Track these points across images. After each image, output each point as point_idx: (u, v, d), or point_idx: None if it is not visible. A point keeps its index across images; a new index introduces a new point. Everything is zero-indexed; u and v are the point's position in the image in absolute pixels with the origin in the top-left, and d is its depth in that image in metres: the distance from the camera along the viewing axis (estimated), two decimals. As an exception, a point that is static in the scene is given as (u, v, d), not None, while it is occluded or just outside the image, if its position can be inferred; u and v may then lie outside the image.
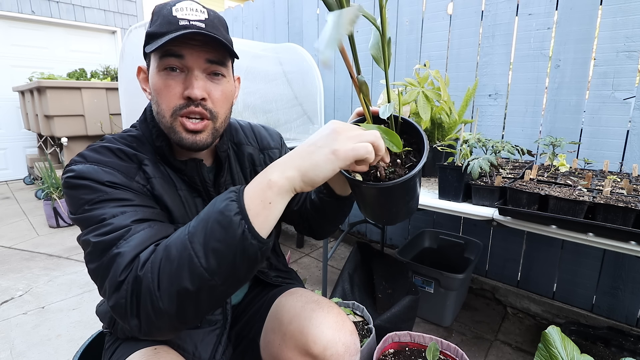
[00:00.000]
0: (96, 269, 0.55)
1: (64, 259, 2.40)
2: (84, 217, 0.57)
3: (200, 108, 0.65)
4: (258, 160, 0.85)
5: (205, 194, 0.75)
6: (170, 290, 0.48)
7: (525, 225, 1.08)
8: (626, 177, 1.27)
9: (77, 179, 0.59)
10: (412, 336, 1.23)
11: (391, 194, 0.58)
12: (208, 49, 0.64)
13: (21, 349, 1.53)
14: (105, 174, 0.60)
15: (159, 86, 0.64)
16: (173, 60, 0.63)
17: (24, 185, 4.47)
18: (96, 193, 0.58)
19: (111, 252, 0.53)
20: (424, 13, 1.96)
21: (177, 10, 0.62)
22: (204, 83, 0.64)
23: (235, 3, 8.64)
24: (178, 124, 0.65)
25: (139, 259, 0.51)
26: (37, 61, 4.49)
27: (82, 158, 0.62)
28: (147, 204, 0.62)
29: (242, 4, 3.29)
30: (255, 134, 0.88)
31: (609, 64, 1.44)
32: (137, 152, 0.67)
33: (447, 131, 1.63)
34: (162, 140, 0.70)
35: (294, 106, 2.36)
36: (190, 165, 0.72)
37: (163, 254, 0.50)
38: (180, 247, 0.49)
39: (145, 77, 0.72)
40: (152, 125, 0.71)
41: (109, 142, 0.68)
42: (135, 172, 0.65)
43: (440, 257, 1.92)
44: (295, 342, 0.74)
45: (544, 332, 0.77)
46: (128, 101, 2.44)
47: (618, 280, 1.55)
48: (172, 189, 0.70)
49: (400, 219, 0.68)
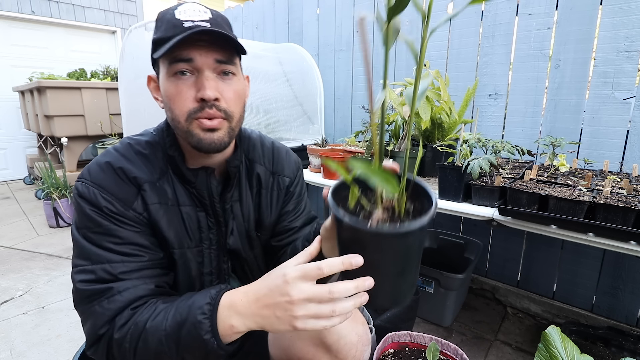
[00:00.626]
0: (79, 312, 0.62)
1: (64, 259, 2.40)
2: (78, 242, 0.63)
3: (214, 109, 0.64)
4: (265, 182, 0.83)
5: (210, 207, 0.74)
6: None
7: (525, 225, 1.08)
8: (626, 177, 1.27)
9: (81, 199, 0.64)
10: (412, 336, 1.23)
11: (378, 248, 0.47)
12: (216, 48, 0.63)
13: (21, 349, 1.53)
14: (103, 200, 0.64)
15: (171, 92, 0.64)
16: (182, 65, 0.63)
17: (24, 185, 4.47)
18: (92, 223, 0.63)
19: (92, 307, 0.59)
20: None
21: (180, 13, 0.62)
22: (215, 83, 0.64)
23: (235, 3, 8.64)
24: (195, 126, 0.65)
25: (115, 322, 0.58)
26: (37, 61, 4.49)
27: (88, 175, 0.66)
28: (138, 242, 0.65)
29: (242, 4, 3.29)
30: (273, 155, 0.86)
31: (609, 64, 1.44)
32: (137, 175, 0.67)
33: (447, 131, 1.63)
34: (175, 150, 0.71)
35: (294, 106, 2.36)
36: (201, 176, 0.72)
37: (142, 335, 0.56)
38: (157, 342, 0.55)
39: (156, 86, 0.72)
40: (167, 134, 0.72)
41: (117, 155, 0.69)
42: (134, 198, 0.66)
43: (440, 257, 1.92)
44: (308, 332, 0.74)
45: (544, 332, 0.77)
46: (128, 101, 2.44)
47: (618, 280, 1.55)
48: (173, 208, 0.70)
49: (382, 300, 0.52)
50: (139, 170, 0.67)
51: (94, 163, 0.68)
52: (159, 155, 0.71)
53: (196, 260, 0.73)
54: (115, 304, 0.58)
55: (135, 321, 0.57)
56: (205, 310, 0.54)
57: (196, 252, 0.73)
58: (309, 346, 0.74)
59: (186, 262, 0.72)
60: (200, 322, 0.53)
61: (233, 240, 0.77)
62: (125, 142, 0.72)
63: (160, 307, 0.59)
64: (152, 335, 0.55)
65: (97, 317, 0.58)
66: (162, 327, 0.55)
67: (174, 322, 0.55)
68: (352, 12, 2.33)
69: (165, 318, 0.56)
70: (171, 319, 0.55)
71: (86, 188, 0.64)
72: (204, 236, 0.74)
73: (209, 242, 0.75)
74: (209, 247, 0.75)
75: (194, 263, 0.73)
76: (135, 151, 0.70)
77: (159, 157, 0.71)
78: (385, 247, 0.47)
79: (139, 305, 0.59)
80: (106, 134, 3.46)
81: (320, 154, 1.68)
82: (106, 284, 0.60)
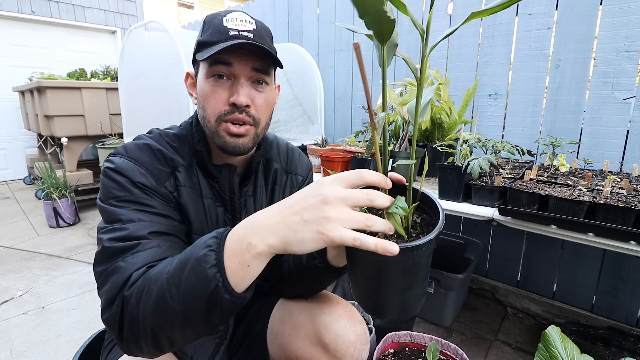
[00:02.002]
0: (99, 274, 0.57)
1: (64, 259, 2.40)
2: (107, 209, 0.62)
3: (243, 115, 0.67)
4: (280, 179, 0.86)
5: (230, 203, 0.76)
6: (147, 322, 0.49)
7: (525, 225, 1.08)
8: (626, 177, 1.27)
9: (113, 172, 0.64)
10: (412, 336, 1.23)
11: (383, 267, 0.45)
12: (255, 57, 0.67)
13: (21, 349, 1.53)
14: (139, 174, 0.65)
15: (207, 92, 0.68)
16: (221, 68, 0.66)
17: (24, 185, 4.47)
18: (124, 191, 0.63)
19: (115, 263, 0.55)
20: (424, 13, 1.96)
21: (228, 21, 0.66)
22: (248, 90, 0.67)
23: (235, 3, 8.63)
24: (222, 129, 0.68)
25: (131, 277, 0.52)
26: (37, 61, 4.49)
27: (124, 151, 0.68)
28: (167, 214, 0.65)
29: (242, 4, 3.29)
30: (288, 155, 0.89)
31: (609, 64, 1.44)
32: (174, 157, 0.71)
33: (447, 131, 1.63)
34: (202, 145, 0.73)
35: (294, 106, 2.36)
36: (225, 173, 0.74)
37: (146, 284, 0.50)
38: (158, 285, 0.49)
39: (192, 83, 0.75)
40: (196, 130, 0.74)
41: (153, 140, 0.72)
42: (167, 178, 0.69)
43: (440, 257, 1.92)
44: (307, 330, 0.75)
45: (544, 332, 0.77)
46: (128, 101, 2.44)
47: (618, 280, 1.55)
48: (198, 197, 0.73)
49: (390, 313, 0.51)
50: (174, 155, 0.71)
51: (130, 144, 0.70)
52: (185, 148, 0.74)
53: None
54: (139, 260, 0.55)
55: (144, 277, 0.52)
56: (211, 243, 0.47)
57: None
58: (307, 345, 0.75)
59: None
60: (204, 255, 0.46)
61: None
62: (157, 132, 0.75)
63: (168, 258, 0.54)
64: (155, 281, 0.50)
65: (121, 272, 0.54)
66: (165, 270, 0.50)
67: (177, 262, 0.50)
68: (352, 12, 2.33)
69: (170, 262, 0.51)
70: (176, 261, 0.50)
71: (123, 161, 0.65)
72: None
73: None
74: None
75: None
76: (166, 141, 0.73)
77: (186, 151, 0.74)
78: (391, 262, 0.44)
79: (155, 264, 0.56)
80: (106, 134, 3.46)
81: (320, 154, 1.68)
82: (135, 241, 0.57)
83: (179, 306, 0.47)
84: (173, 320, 0.48)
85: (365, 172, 0.44)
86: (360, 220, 0.41)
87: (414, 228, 0.49)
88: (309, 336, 0.75)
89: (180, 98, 1.82)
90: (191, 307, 0.47)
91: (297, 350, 0.76)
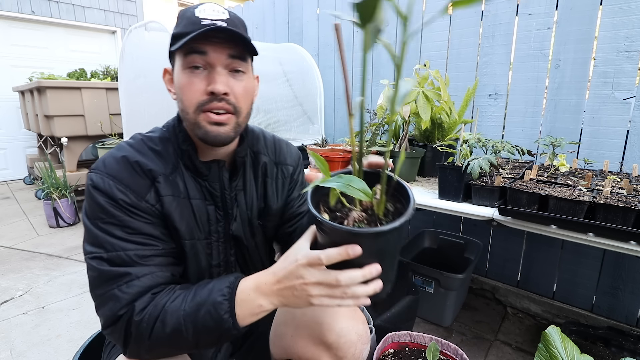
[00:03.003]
0: (96, 296, 0.63)
1: (64, 259, 2.40)
2: (92, 232, 0.64)
3: (223, 103, 0.67)
4: (271, 171, 0.86)
5: (220, 200, 0.76)
6: (156, 346, 0.60)
7: (525, 225, 1.08)
8: (626, 177, 1.27)
9: (95, 190, 0.65)
10: (412, 336, 1.23)
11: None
12: (230, 45, 0.66)
13: (21, 349, 1.53)
14: (118, 192, 0.65)
15: (183, 83, 0.67)
16: (196, 58, 0.65)
17: (24, 185, 4.47)
18: (107, 214, 0.64)
19: (111, 290, 0.61)
20: (424, 13, 1.96)
21: (200, 12, 0.66)
22: (226, 78, 0.67)
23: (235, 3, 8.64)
24: (202, 118, 0.67)
25: (135, 306, 0.60)
26: (37, 61, 4.49)
27: (102, 166, 0.67)
28: (150, 232, 0.67)
29: (242, 4, 3.29)
30: (275, 147, 0.89)
31: (609, 64, 1.44)
32: (152, 167, 0.69)
33: (447, 131, 1.63)
34: (188, 145, 0.73)
35: (294, 106, 2.36)
36: (214, 169, 0.74)
37: (160, 315, 0.59)
38: (175, 320, 0.59)
39: (170, 79, 0.75)
40: (179, 130, 0.74)
41: (133, 148, 0.71)
42: (147, 190, 0.68)
43: (440, 257, 1.92)
44: (310, 331, 0.76)
45: (544, 332, 0.77)
46: (128, 101, 2.44)
47: (618, 280, 1.55)
48: (184, 201, 0.72)
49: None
50: (153, 164, 0.70)
51: (109, 156, 0.69)
52: (170, 150, 0.73)
53: (205, 252, 0.76)
54: (134, 289, 0.61)
55: (155, 304, 0.60)
56: (224, 292, 0.60)
57: (205, 245, 0.75)
58: (310, 345, 0.75)
59: (196, 254, 0.74)
60: (220, 302, 0.59)
61: (236, 227, 0.79)
62: (139, 138, 0.74)
63: (178, 291, 0.63)
64: (171, 315, 0.59)
65: (117, 300, 0.60)
66: (181, 308, 0.60)
67: (193, 303, 0.60)
68: (353, 12, 2.32)
69: (185, 300, 0.61)
70: (190, 300, 0.60)
71: (101, 179, 0.65)
72: (212, 229, 0.76)
73: (217, 234, 0.77)
74: (217, 239, 0.77)
75: (203, 255, 0.75)
76: (148, 147, 0.72)
77: (170, 153, 0.73)
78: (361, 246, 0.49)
79: (159, 291, 0.63)
80: (106, 134, 3.46)
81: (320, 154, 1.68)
82: (124, 268, 0.62)
83: (192, 338, 0.59)
84: (184, 346, 0.62)
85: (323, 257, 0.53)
86: (335, 293, 0.54)
87: (386, 216, 0.53)
88: (312, 336, 0.75)
89: (180, 98, 1.82)
90: (203, 339, 0.60)
91: (299, 349, 0.77)
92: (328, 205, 0.56)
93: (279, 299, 0.59)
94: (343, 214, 0.54)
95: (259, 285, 0.60)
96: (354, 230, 0.48)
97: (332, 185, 0.48)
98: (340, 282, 0.52)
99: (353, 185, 0.48)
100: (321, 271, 0.54)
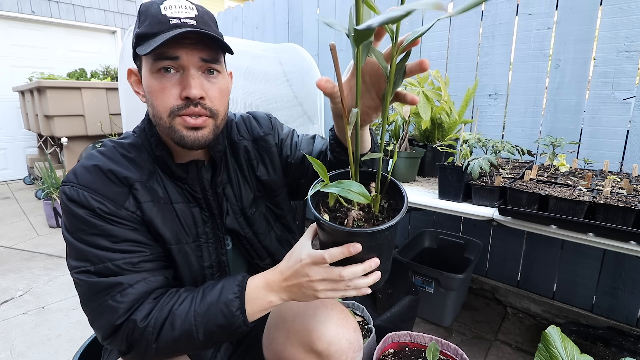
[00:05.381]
0: (89, 310, 0.62)
1: (64, 259, 2.40)
2: (76, 246, 0.62)
3: (199, 107, 0.63)
4: (253, 153, 0.83)
5: (204, 201, 0.74)
6: (164, 349, 0.61)
7: (525, 225, 1.08)
8: (626, 177, 1.27)
9: (70, 203, 0.62)
10: (412, 336, 1.23)
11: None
12: (202, 47, 0.62)
13: (21, 349, 1.53)
14: (94, 201, 0.62)
15: (154, 88, 0.63)
16: (167, 62, 0.61)
17: (24, 185, 4.47)
18: (87, 224, 0.62)
19: (105, 301, 0.60)
20: (424, 13, 1.96)
21: (166, 9, 0.61)
22: (200, 82, 0.63)
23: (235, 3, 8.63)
24: (177, 123, 0.64)
25: (135, 313, 0.60)
26: (37, 61, 4.48)
27: (74, 178, 0.64)
28: (134, 238, 0.65)
29: (242, 4, 3.29)
30: (246, 125, 0.85)
31: (609, 64, 1.44)
32: (127, 175, 0.66)
33: (447, 131, 1.63)
34: (161, 150, 0.70)
35: (294, 106, 2.36)
36: (192, 171, 0.72)
37: (168, 318, 0.60)
38: (185, 321, 0.60)
39: (137, 80, 0.70)
40: (151, 135, 0.70)
41: (105, 156, 0.68)
42: (125, 198, 0.65)
43: (440, 257, 1.92)
44: (300, 338, 0.74)
45: (544, 332, 0.77)
46: (128, 101, 2.44)
47: (618, 280, 1.55)
48: (166, 206, 0.70)
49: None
50: (128, 171, 0.67)
51: (79, 167, 0.66)
52: (144, 156, 0.70)
53: (195, 254, 0.73)
54: (129, 297, 0.61)
55: (160, 308, 0.61)
56: (235, 290, 0.62)
57: (195, 247, 0.73)
58: (301, 352, 0.74)
59: (186, 257, 0.72)
60: (232, 300, 0.61)
61: (230, 221, 0.78)
62: (110, 145, 0.71)
63: (184, 294, 0.64)
64: (180, 316, 0.60)
65: (113, 310, 0.60)
66: (191, 309, 0.61)
67: (204, 303, 0.61)
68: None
69: (194, 301, 0.62)
70: (200, 301, 0.62)
71: (75, 191, 0.62)
72: (200, 231, 0.74)
73: (205, 236, 0.75)
74: (206, 241, 0.75)
75: (193, 257, 0.73)
76: (121, 154, 0.69)
77: (145, 159, 0.70)
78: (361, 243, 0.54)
79: (160, 295, 0.63)
80: (106, 134, 3.46)
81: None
82: (114, 278, 0.61)
83: (203, 338, 0.61)
84: (191, 347, 0.63)
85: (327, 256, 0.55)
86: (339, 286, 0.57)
87: (381, 212, 0.58)
88: (302, 344, 0.74)
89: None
90: (213, 338, 0.62)
91: (291, 357, 0.76)
92: (327, 205, 0.60)
93: (288, 294, 0.62)
94: (342, 213, 0.58)
95: (269, 283, 0.63)
96: (354, 231, 0.52)
97: (334, 191, 0.51)
98: (343, 277, 0.55)
99: (353, 190, 0.52)
100: (325, 268, 0.57)
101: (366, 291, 0.58)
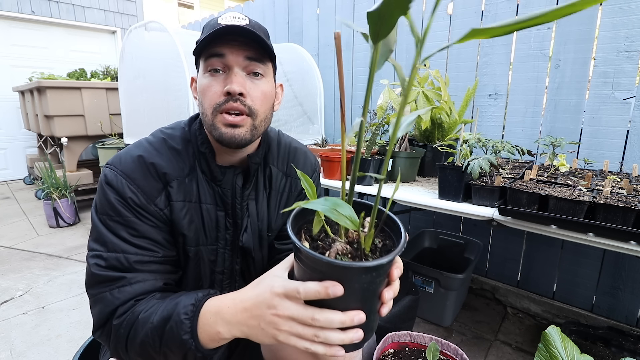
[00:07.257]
0: (90, 295, 0.65)
1: (64, 259, 2.40)
2: (98, 227, 0.66)
3: (238, 103, 0.66)
4: (276, 184, 0.82)
5: (231, 208, 0.75)
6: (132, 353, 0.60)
7: (525, 225, 1.08)
8: (626, 177, 1.27)
9: (107, 186, 0.66)
10: (412, 336, 1.23)
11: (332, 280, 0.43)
12: (247, 47, 0.67)
13: (21, 349, 1.53)
14: (129, 191, 0.66)
15: (203, 86, 0.68)
16: (215, 61, 0.66)
17: (24, 185, 4.47)
18: (115, 212, 0.65)
19: (103, 292, 0.62)
20: (424, 13, 1.96)
21: (222, 19, 0.67)
22: (242, 80, 0.67)
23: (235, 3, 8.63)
24: (218, 120, 0.67)
25: (118, 310, 0.61)
26: (37, 61, 4.49)
27: (118, 163, 0.68)
28: (154, 237, 0.67)
29: (242, 4, 3.29)
30: (289, 155, 0.85)
31: (609, 64, 1.44)
32: (167, 171, 0.69)
33: (447, 131, 1.63)
34: (206, 147, 0.72)
35: (294, 106, 2.36)
36: (228, 175, 0.74)
37: (135, 324, 0.59)
38: (143, 332, 0.58)
39: (196, 87, 0.75)
40: (199, 133, 0.74)
41: (152, 146, 0.71)
42: (158, 194, 0.68)
43: (440, 257, 1.92)
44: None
45: (544, 332, 0.77)
46: (128, 101, 2.44)
47: (618, 280, 1.55)
48: (195, 206, 0.72)
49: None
50: (170, 167, 0.70)
51: (126, 153, 0.70)
52: (189, 151, 0.73)
53: (209, 258, 0.75)
54: (124, 295, 0.62)
55: (132, 311, 0.61)
56: (188, 310, 0.56)
57: (210, 250, 0.75)
58: (299, 353, 0.74)
59: (199, 259, 0.74)
60: (181, 321, 0.56)
61: (246, 238, 0.78)
62: (160, 137, 0.74)
63: (153, 301, 0.62)
64: (141, 326, 0.58)
65: (106, 303, 0.61)
66: (150, 320, 0.58)
67: (160, 317, 0.58)
68: (353, 12, 2.33)
69: (155, 312, 0.59)
70: (159, 313, 0.59)
71: (115, 176, 0.66)
72: (220, 235, 0.75)
73: (224, 241, 0.76)
74: (223, 247, 0.76)
75: (206, 261, 0.75)
76: (168, 146, 0.72)
77: (190, 154, 0.73)
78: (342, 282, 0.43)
79: (142, 299, 0.63)
80: (106, 134, 3.46)
81: (320, 154, 1.68)
82: (119, 272, 0.63)
83: (159, 352, 0.58)
84: (154, 358, 0.59)
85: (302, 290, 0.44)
86: (306, 333, 0.46)
87: (373, 252, 0.46)
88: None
89: (180, 98, 1.82)
90: (169, 356, 0.58)
91: (288, 357, 0.75)
92: (311, 233, 0.49)
93: (240, 329, 0.52)
94: (325, 244, 0.46)
95: (221, 309, 0.54)
96: (334, 262, 0.41)
97: (317, 208, 0.40)
98: (315, 321, 0.44)
99: (339, 210, 0.41)
100: (297, 305, 0.46)
101: (337, 352, 0.45)
